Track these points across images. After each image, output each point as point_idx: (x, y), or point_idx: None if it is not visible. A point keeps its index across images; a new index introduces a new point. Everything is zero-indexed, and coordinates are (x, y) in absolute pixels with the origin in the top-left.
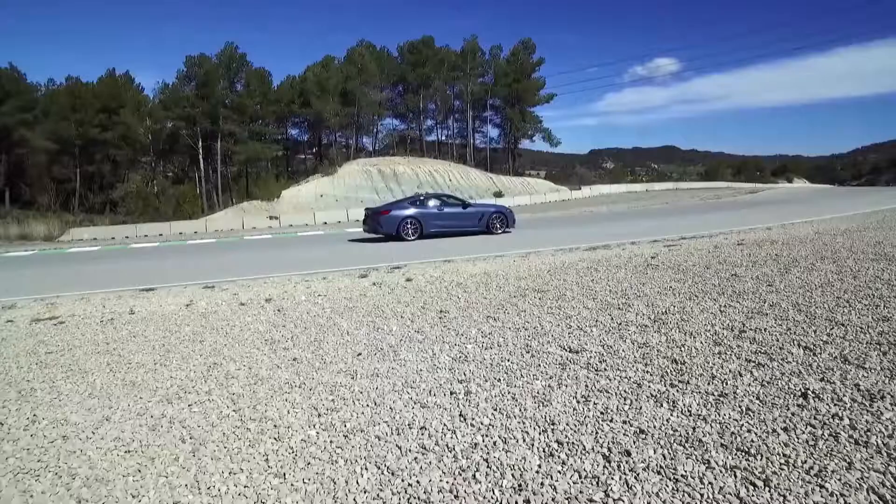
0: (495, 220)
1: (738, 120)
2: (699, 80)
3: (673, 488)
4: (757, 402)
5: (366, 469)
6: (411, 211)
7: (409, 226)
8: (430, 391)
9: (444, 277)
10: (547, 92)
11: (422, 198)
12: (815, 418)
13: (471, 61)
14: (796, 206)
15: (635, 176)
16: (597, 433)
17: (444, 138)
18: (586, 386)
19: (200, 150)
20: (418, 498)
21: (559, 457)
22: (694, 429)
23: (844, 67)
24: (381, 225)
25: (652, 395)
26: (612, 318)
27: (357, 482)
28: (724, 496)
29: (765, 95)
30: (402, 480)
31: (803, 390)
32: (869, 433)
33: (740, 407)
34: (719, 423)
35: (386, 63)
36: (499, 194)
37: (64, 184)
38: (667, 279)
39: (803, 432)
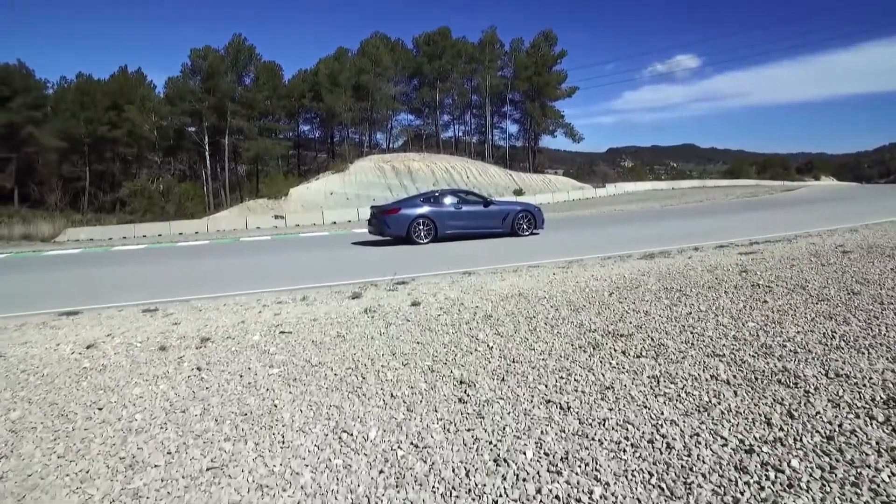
0: (522, 221)
1: (759, 117)
2: (719, 77)
3: None
4: None
5: None
6: (424, 209)
7: (421, 227)
8: None
9: (464, 301)
10: (569, 85)
11: (436, 194)
12: None
13: (489, 53)
14: (850, 205)
15: (656, 174)
16: None
17: (461, 134)
18: None
19: (206, 147)
20: None
21: None
22: None
23: (869, 62)
24: (389, 226)
25: None
26: (793, 416)
27: None
28: None
29: (786, 92)
30: None
31: None
32: None
33: None
34: None
35: (401, 56)
36: (519, 192)
37: (74, 182)
38: (806, 313)
39: None
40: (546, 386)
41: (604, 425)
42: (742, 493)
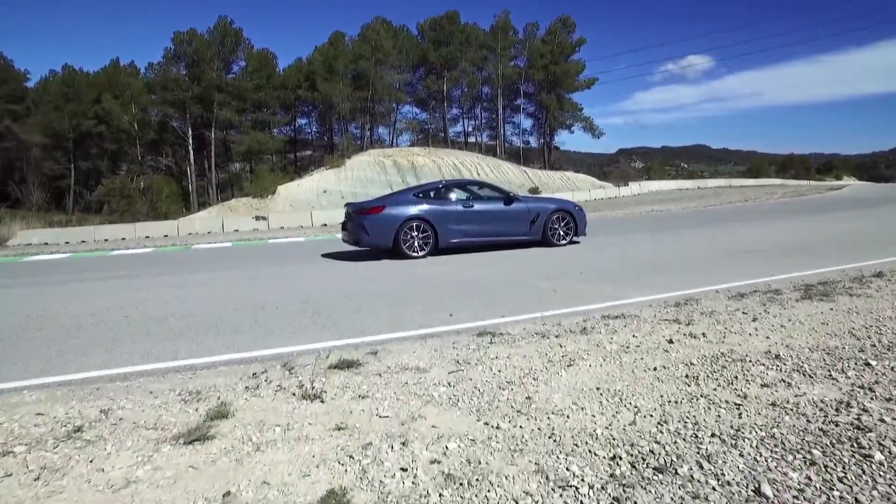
0: (557, 225)
1: (771, 118)
2: (730, 77)
3: None
4: None
5: None
6: (419, 208)
7: (414, 234)
8: None
9: None
10: (587, 76)
11: (439, 187)
12: None
13: (502, 40)
14: None
15: (674, 175)
16: None
17: (470, 129)
18: None
19: (190, 140)
20: None
21: None
22: None
23: (883, 61)
24: (368, 232)
25: None
26: None
27: None
28: None
29: (799, 92)
30: None
31: None
32: None
33: None
34: None
35: (404, 42)
36: (535, 191)
37: (58, 180)
38: None
39: None
40: None
41: None
42: None
